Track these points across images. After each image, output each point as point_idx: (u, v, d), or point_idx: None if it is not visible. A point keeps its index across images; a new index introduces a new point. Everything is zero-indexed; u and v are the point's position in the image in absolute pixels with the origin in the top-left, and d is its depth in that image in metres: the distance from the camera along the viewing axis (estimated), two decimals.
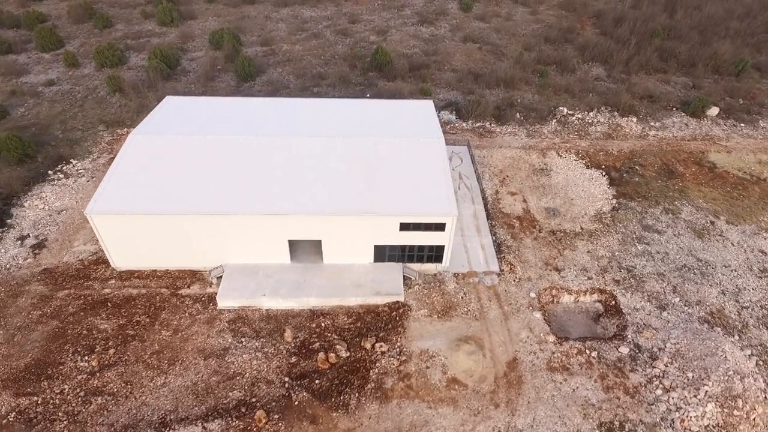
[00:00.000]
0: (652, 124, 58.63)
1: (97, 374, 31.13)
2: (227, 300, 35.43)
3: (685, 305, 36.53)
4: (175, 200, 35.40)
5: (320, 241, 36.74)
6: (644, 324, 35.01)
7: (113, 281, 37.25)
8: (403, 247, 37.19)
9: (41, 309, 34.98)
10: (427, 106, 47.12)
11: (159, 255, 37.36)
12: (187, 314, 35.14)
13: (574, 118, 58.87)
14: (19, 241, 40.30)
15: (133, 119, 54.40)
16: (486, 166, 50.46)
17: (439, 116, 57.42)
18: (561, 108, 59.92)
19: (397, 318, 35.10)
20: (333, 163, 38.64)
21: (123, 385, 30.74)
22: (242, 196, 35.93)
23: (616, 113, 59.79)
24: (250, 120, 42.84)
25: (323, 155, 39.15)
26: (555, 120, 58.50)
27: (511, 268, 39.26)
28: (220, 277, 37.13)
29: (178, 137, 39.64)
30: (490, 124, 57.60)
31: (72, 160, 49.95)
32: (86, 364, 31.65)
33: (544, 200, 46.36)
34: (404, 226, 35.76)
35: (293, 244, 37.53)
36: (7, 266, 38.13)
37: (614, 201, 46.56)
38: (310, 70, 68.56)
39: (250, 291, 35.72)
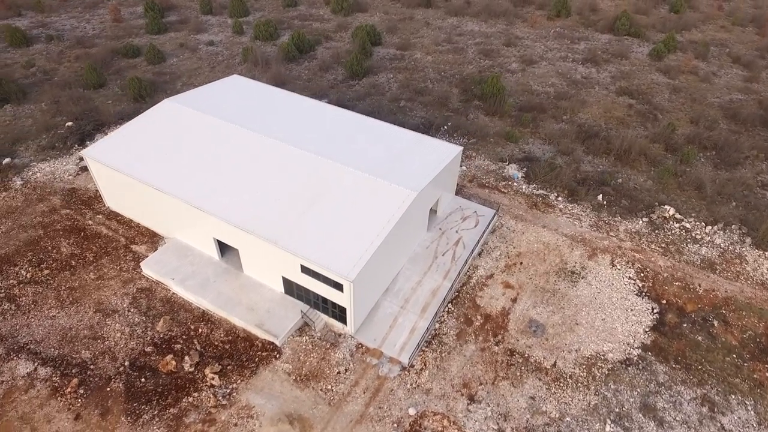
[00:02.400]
0: None
1: (23, 285, 36.63)
2: (148, 269, 37.43)
3: None
4: (147, 167, 38.35)
5: (238, 250, 35.70)
6: None
7: (100, 216, 42.85)
8: (308, 291, 33.54)
9: (42, 218, 42.49)
10: (450, 151, 40.56)
11: (133, 209, 41.49)
12: (118, 267, 38.40)
13: (677, 225, 43.56)
14: (79, 160, 49.33)
15: None
16: (506, 242, 41.38)
17: (505, 168, 49.45)
18: (667, 207, 44.85)
19: (258, 359, 32.13)
20: (292, 178, 36.68)
21: (30, 302, 35.53)
22: (194, 183, 36.93)
23: (749, 239, 42.09)
24: (269, 116, 43.19)
25: (291, 168, 37.42)
26: (647, 218, 44.19)
27: (422, 369, 31.93)
28: None
29: (193, 112, 42.54)
30: (557, 196, 46.64)
31: None
32: (24, 274, 37.50)
33: (539, 309, 35.94)
34: (305, 270, 32.09)
35: (225, 244, 37.29)
36: (56, 176, 47.17)
37: (636, 351, 33.38)
38: (418, 84, 65.60)
39: (167, 270, 36.99)
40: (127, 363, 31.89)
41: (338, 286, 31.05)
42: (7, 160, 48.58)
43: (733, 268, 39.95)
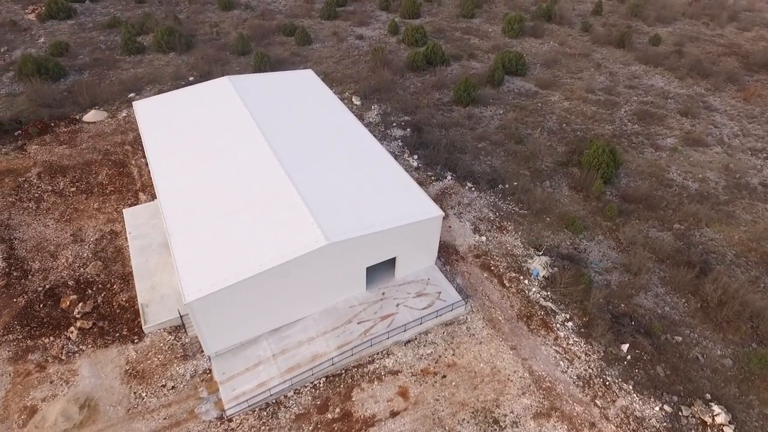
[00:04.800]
0: None
1: (52, 193, 44.44)
2: (125, 216, 41.33)
3: None
4: (159, 131, 41.55)
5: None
6: None
7: (143, 160, 48.85)
8: None
9: (110, 146, 50.50)
10: (422, 213, 33.84)
11: None
12: (115, 206, 43.40)
13: None
14: None
15: (341, 84, 61.86)
16: (450, 343, 32.90)
17: (532, 258, 39.73)
18: (717, 408, 29.11)
19: (119, 336, 32.70)
20: (245, 180, 35.60)
21: (45, 208, 42.90)
22: (175, 158, 38.60)
23: None
24: (291, 118, 42.35)
25: (253, 171, 36.34)
26: (671, 407, 29.51)
27: (234, 428, 28.08)
28: None
29: (233, 94, 44.38)
30: (568, 319, 34.73)
31: None
32: (61, 185, 45.36)
33: None
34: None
35: None
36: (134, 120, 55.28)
37: None
38: (522, 129, 56.09)
39: (134, 224, 40.20)
40: (47, 286, 36.12)
41: None
42: (132, 94, 59.14)
43: None
